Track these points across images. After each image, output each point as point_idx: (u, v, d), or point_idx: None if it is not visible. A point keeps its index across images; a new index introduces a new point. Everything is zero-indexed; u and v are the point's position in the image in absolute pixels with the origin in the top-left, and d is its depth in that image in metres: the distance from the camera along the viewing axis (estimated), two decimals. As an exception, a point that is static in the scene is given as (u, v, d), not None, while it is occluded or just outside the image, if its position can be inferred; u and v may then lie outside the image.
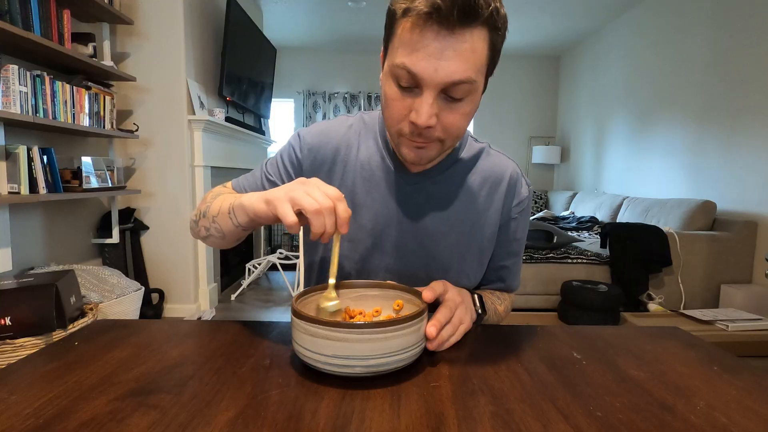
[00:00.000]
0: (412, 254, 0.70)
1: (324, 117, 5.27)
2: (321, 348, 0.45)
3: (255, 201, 0.53)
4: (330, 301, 0.54)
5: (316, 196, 0.48)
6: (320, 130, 0.72)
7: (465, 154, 0.71)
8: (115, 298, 1.96)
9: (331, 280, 0.54)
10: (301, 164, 0.72)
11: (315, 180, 0.51)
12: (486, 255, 0.73)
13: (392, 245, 0.70)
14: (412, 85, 0.53)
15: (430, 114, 0.53)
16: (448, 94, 0.53)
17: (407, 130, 0.56)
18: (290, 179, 0.72)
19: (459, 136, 0.59)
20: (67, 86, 1.88)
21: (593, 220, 3.78)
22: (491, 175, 0.71)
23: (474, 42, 0.50)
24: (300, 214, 0.48)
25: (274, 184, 0.73)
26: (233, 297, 3.09)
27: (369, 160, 0.70)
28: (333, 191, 0.49)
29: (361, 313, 0.59)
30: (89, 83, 2.06)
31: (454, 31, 0.49)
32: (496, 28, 0.51)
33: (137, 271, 2.58)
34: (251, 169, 3.10)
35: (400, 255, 0.70)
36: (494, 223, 0.72)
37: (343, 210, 0.48)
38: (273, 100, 4.21)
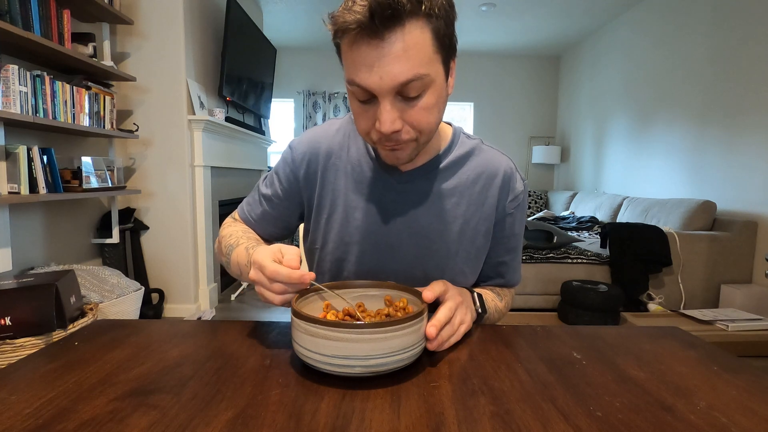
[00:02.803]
0: (408, 253, 0.70)
1: (324, 117, 5.27)
2: (321, 348, 0.45)
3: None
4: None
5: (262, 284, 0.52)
6: (310, 139, 0.73)
7: (457, 151, 0.71)
8: (115, 298, 1.96)
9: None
10: (297, 176, 0.73)
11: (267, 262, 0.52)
12: (482, 252, 0.73)
13: (387, 245, 0.70)
14: (368, 97, 0.54)
15: (392, 119, 0.54)
16: (404, 94, 0.54)
17: (376, 137, 0.57)
18: (286, 193, 0.74)
19: (431, 130, 0.59)
20: (67, 86, 1.88)
21: (593, 220, 3.78)
22: (485, 172, 0.71)
23: (409, 39, 0.50)
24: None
25: (271, 201, 0.75)
26: (233, 297, 3.09)
27: (359, 162, 0.71)
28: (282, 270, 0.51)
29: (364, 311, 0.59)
30: (89, 83, 2.06)
31: (384, 37, 0.50)
32: (432, 15, 0.51)
33: (137, 271, 2.58)
34: (251, 170, 3.09)
35: (396, 254, 0.70)
36: (489, 219, 0.72)
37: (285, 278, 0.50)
38: (273, 100, 4.21)
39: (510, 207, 0.72)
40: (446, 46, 0.55)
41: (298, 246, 0.71)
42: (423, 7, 0.50)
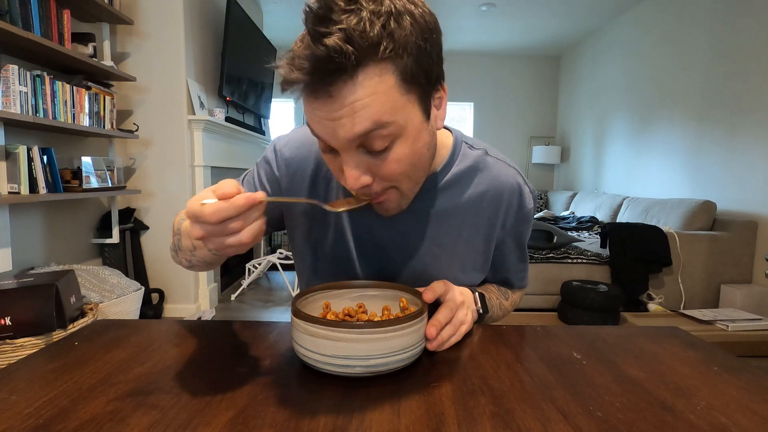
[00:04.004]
0: (402, 277, 0.67)
1: (324, 117, 5.26)
2: (321, 348, 0.45)
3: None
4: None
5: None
6: (299, 142, 0.65)
7: (458, 166, 0.64)
8: (115, 298, 1.96)
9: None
10: (279, 182, 0.66)
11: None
12: (482, 272, 0.70)
13: (380, 268, 0.67)
14: (329, 148, 0.49)
15: (356, 176, 0.48)
16: (368, 148, 0.47)
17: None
18: (269, 196, 0.68)
19: (414, 178, 0.53)
20: (67, 86, 1.88)
21: (593, 220, 3.78)
22: (489, 189, 0.65)
23: (363, 91, 0.43)
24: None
25: None
26: (233, 297, 3.09)
27: None
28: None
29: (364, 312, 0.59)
30: (89, 83, 2.06)
31: (331, 93, 0.43)
32: (394, 56, 0.43)
33: (137, 271, 2.58)
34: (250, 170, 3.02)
35: (389, 278, 0.67)
36: (492, 239, 0.68)
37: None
38: (273, 100, 4.21)
39: (517, 225, 0.69)
40: (421, 83, 0.47)
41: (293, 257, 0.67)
42: (382, 49, 0.42)
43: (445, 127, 0.67)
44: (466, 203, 0.65)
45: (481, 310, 0.65)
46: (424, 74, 0.46)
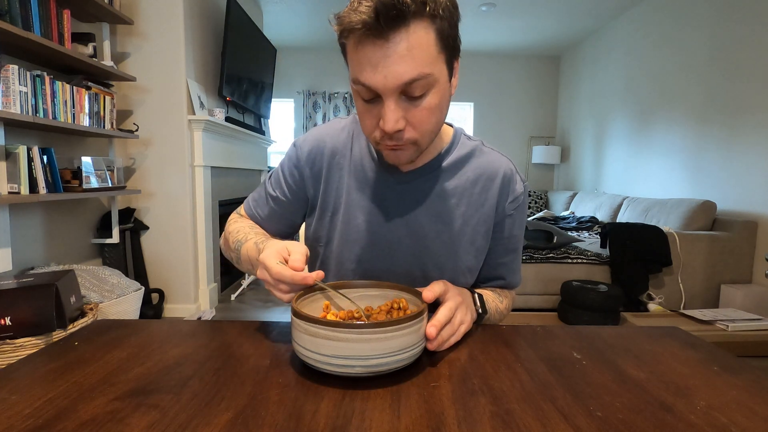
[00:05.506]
0: (407, 253, 0.70)
1: (324, 117, 5.27)
2: (321, 348, 0.45)
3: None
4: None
5: (279, 288, 0.54)
6: (315, 137, 0.74)
7: (458, 152, 0.71)
8: (115, 298, 1.96)
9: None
10: (302, 174, 0.73)
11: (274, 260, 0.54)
12: (481, 252, 0.73)
13: (387, 244, 0.70)
14: (372, 96, 0.55)
15: (396, 118, 0.55)
16: (408, 94, 0.54)
17: (379, 136, 0.58)
18: (292, 191, 0.74)
19: (432, 132, 0.60)
20: (67, 86, 1.88)
21: (593, 220, 3.78)
22: (485, 173, 0.71)
23: (413, 39, 0.51)
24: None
25: (277, 200, 0.75)
26: (233, 297, 3.09)
27: (362, 161, 0.71)
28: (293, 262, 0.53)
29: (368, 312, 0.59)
30: (89, 83, 2.06)
31: (388, 38, 0.51)
32: (436, 15, 0.51)
33: (137, 271, 2.58)
34: (250, 170, 3.10)
35: (396, 254, 0.70)
36: (488, 220, 0.72)
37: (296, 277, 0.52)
38: (273, 100, 4.21)
39: (509, 208, 0.73)
40: (450, 46, 0.55)
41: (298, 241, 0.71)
42: (427, 8, 0.50)
43: (446, 123, 0.73)
44: (464, 184, 0.71)
45: (480, 311, 0.66)
46: (452, 39, 0.55)
